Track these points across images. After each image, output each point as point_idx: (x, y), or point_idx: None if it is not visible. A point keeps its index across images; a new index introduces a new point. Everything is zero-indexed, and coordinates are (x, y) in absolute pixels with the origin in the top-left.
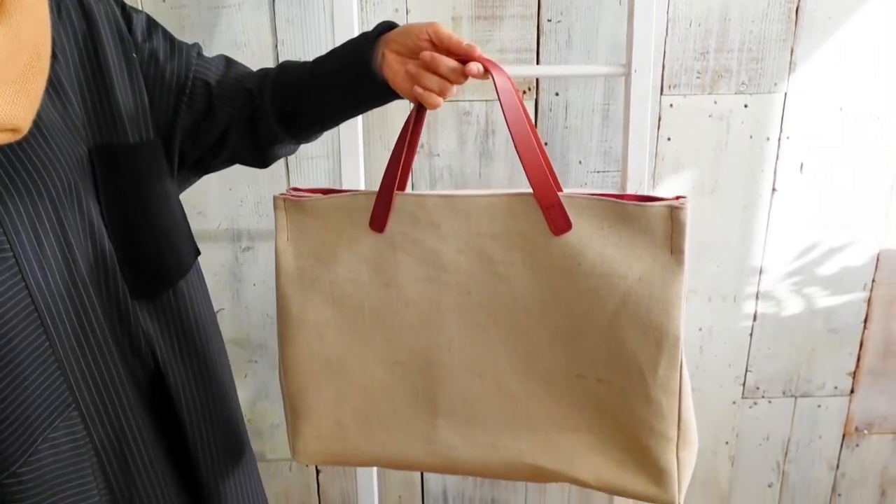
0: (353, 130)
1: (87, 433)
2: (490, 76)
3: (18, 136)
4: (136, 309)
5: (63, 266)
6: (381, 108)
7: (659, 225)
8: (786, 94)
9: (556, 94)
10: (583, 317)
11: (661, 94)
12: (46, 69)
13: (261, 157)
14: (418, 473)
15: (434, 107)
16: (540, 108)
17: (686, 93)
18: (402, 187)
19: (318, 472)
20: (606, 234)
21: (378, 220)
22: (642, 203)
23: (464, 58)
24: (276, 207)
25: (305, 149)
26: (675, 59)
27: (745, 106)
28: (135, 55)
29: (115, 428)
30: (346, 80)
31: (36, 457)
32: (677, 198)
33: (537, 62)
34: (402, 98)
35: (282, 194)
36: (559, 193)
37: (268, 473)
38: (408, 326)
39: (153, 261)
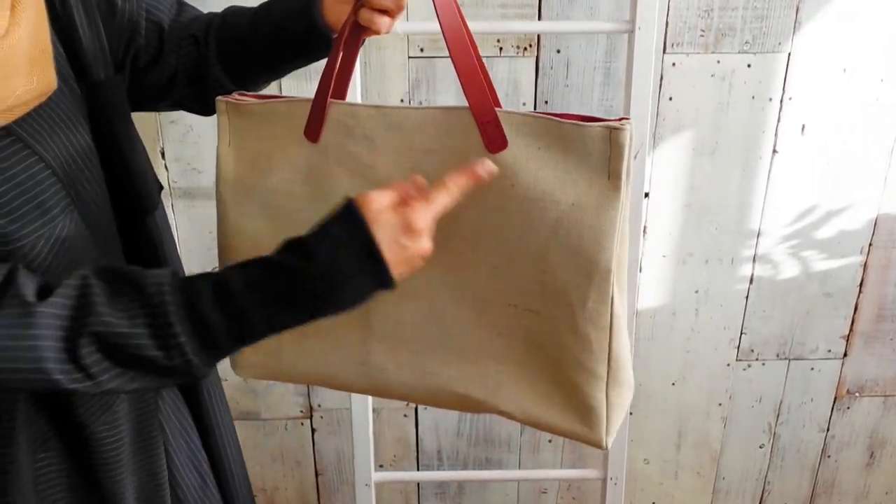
0: (352, 88)
1: None
2: None
3: (51, 93)
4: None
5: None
6: (378, 59)
7: (597, 147)
8: (789, 55)
9: (558, 52)
10: (515, 242)
11: (664, 52)
12: (46, 19)
13: (204, 105)
14: (413, 434)
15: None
16: (541, 65)
17: (689, 51)
18: (341, 96)
19: (313, 430)
20: (543, 154)
21: (312, 129)
22: (580, 123)
23: None
24: (218, 111)
25: None
26: (678, 16)
27: (749, 66)
28: None
29: None
30: (290, 34)
31: None
32: (620, 119)
33: (539, 18)
34: None
35: (224, 97)
36: (496, 109)
37: (263, 432)
38: None
39: (122, 194)
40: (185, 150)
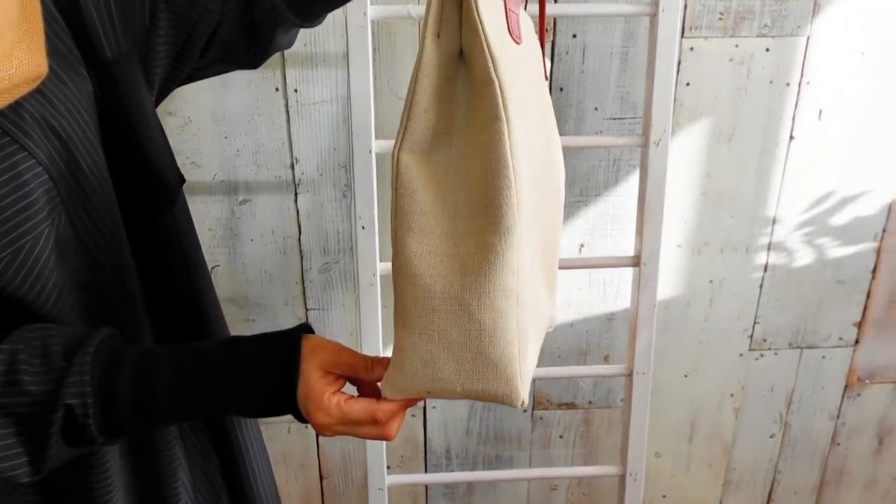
0: (364, 75)
1: None
2: None
3: (41, 80)
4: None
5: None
6: (390, 54)
7: None
8: (808, 38)
9: (574, 36)
10: (552, 179)
11: (682, 36)
12: None
13: (255, 50)
14: (421, 434)
15: None
16: (556, 50)
17: (707, 35)
18: None
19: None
20: None
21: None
22: None
23: None
24: None
25: (309, 94)
26: None
27: (767, 50)
28: None
29: None
30: None
31: None
32: None
33: (555, 0)
34: None
35: None
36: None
37: (266, 436)
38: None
39: (135, 189)
40: (183, 143)
